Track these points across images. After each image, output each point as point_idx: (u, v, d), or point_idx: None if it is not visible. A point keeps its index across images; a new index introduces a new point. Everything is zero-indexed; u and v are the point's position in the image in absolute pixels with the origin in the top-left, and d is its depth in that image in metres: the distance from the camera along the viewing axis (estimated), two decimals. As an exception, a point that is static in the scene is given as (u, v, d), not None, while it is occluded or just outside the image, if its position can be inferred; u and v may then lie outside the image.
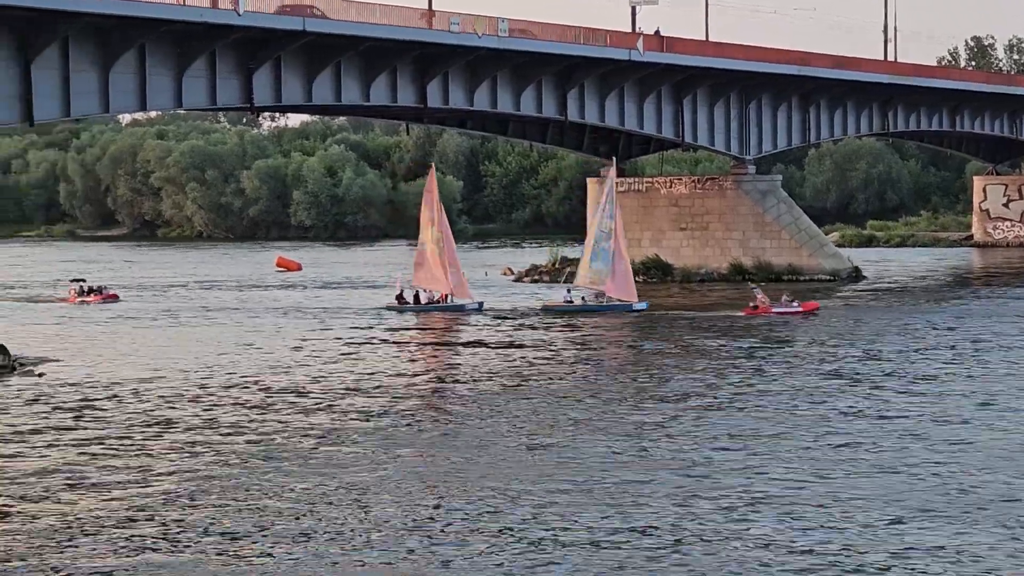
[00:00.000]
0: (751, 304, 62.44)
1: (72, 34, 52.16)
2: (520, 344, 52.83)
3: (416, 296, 68.56)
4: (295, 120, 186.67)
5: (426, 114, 74.17)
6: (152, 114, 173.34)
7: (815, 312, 62.05)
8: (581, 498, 26.34)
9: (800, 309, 61.87)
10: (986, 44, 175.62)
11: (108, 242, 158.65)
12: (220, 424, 35.23)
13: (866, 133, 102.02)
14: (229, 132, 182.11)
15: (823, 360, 46.22)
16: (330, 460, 30.35)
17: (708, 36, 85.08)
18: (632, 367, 46.24)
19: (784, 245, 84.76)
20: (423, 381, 43.76)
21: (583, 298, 67.63)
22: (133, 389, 41.43)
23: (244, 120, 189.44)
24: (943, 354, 47.58)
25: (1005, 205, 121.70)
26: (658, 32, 78.36)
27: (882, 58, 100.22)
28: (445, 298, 67.69)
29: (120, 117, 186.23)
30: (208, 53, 56.93)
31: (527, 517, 25.03)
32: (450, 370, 46.57)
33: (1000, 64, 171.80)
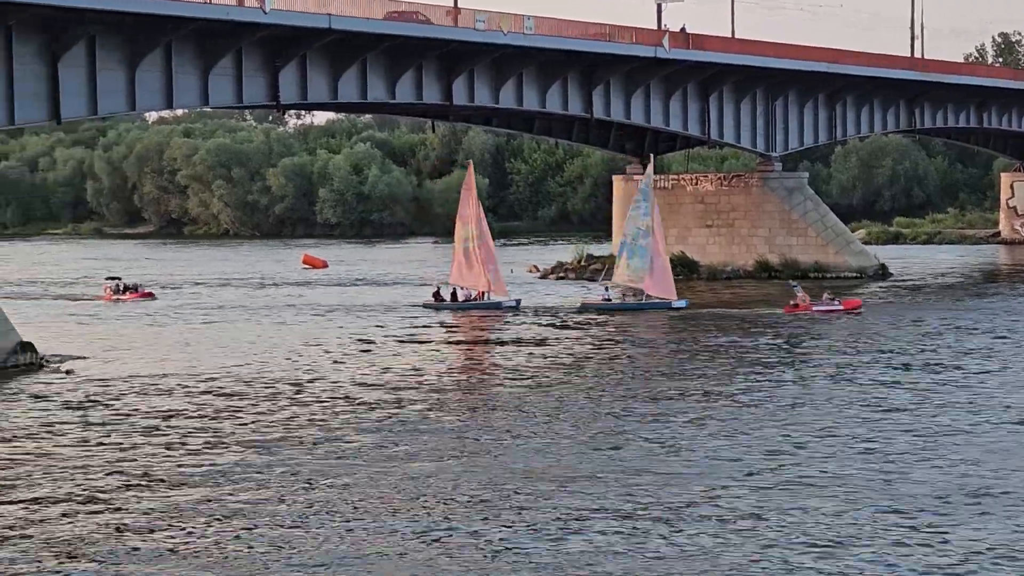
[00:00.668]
0: (791, 302, 62.06)
1: (99, 33, 52.38)
2: (569, 341, 52.43)
3: (453, 294, 68.38)
4: (321, 118, 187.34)
5: (452, 112, 74.25)
6: (178, 112, 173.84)
7: (858, 310, 61.49)
8: (621, 503, 25.97)
9: (841, 307, 61.24)
10: (1013, 40, 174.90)
11: (135, 240, 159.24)
12: (268, 422, 35.19)
13: (893, 130, 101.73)
14: (255, 130, 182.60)
15: (876, 360, 45.24)
16: (383, 452, 30.42)
17: (734, 33, 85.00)
18: (682, 365, 45.23)
19: (810, 242, 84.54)
20: (471, 379, 43.68)
21: (623, 295, 67.00)
22: (164, 386, 41.30)
23: (270, 118, 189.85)
24: (1002, 351, 46.95)
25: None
26: (684, 29, 78.30)
27: (908, 55, 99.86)
28: (482, 295, 67.50)
29: (146, 115, 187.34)
30: (234, 51, 57.08)
31: (573, 512, 24.96)
32: (495, 368, 46.07)
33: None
